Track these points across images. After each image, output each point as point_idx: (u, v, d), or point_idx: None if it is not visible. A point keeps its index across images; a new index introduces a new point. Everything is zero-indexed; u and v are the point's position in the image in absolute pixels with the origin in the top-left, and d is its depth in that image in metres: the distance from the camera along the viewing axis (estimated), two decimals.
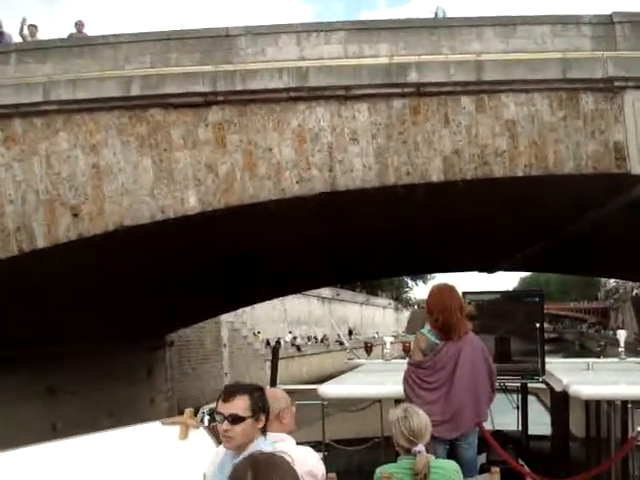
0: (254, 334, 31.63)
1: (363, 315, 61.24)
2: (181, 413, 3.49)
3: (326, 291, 52.52)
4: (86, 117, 7.82)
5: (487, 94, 7.50)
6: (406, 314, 79.45)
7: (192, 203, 7.69)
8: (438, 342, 4.37)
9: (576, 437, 5.98)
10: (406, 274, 42.18)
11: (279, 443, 2.63)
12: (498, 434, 5.41)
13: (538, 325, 5.30)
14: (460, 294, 4.61)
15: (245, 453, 2.34)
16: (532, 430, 5.98)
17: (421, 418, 3.36)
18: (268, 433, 2.60)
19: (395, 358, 6.84)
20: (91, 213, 7.71)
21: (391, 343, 7.22)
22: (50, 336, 11.26)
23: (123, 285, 10.83)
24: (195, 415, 3.64)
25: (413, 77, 7.39)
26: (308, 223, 9.39)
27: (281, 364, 35.21)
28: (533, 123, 7.55)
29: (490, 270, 18.83)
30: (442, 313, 4.35)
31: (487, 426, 4.69)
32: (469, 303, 4.87)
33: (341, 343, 46.48)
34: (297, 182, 7.54)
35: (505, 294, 7.72)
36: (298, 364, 35.74)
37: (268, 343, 33.28)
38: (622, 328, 51.88)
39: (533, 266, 18.81)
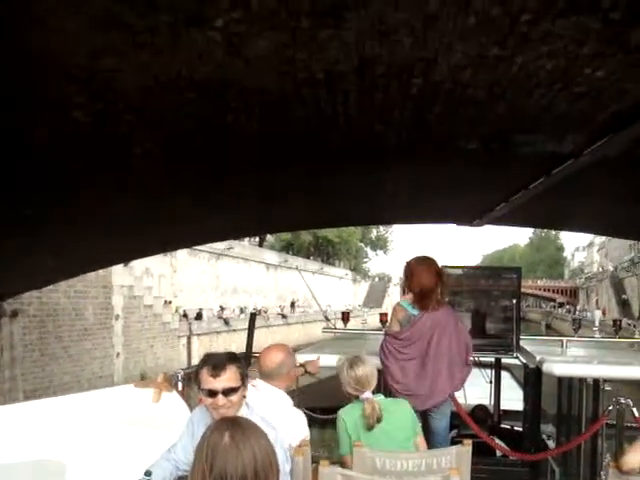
0: (165, 302, 25.07)
1: (315, 286, 55.41)
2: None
3: (272, 257, 46.34)
4: None
5: None
6: (364, 286, 74.40)
7: None
8: (415, 314, 4.41)
9: (548, 413, 6.07)
10: (366, 223, 36.24)
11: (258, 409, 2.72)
12: (477, 409, 5.76)
13: (515, 301, 5.42)
14: (439, 266, 4.54)
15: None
16: (504, 405, 6.40)
17: (366, 367, 3.62)
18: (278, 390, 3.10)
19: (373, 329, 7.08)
20: None
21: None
22: None
23: None
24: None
25: None
26: None
27: (203, 341, 28.21)
28: None
29: (472, 222, 12.41)
30: (420, 284, 4.38)
31: (460, 400, 4.83)
32: None
33: (284, 316, 40.64)
34: None
35: (483, 269, 9.26)
36: (226, 341, 29.26)
37: (185, 315, 26.92)
38: (597, 308, 49.02)
39: (522, 218, 12.33)
